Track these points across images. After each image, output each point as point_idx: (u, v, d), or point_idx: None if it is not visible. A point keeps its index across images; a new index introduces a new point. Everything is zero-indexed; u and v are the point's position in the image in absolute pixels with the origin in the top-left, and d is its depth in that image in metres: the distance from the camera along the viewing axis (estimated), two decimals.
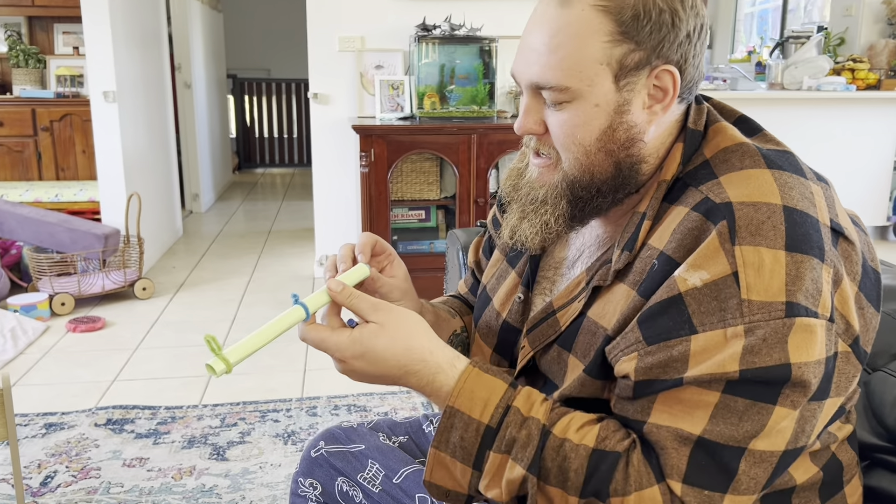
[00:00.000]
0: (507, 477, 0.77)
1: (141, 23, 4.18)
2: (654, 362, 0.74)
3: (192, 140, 5.72)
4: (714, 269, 0.72)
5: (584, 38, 0.78)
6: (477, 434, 0.78)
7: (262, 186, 7.38)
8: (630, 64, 0.78)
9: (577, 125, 0.81)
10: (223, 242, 4.87)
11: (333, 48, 3.78)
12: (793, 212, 0.74)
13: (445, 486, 0.81)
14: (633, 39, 0.78)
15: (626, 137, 0.81)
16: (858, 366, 0.79)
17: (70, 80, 4.54)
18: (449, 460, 0.80)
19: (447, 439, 0.80)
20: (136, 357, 2.92)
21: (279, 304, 3.57)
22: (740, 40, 6.42)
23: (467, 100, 3.62)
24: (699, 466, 0.72)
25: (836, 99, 4.32)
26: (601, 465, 0.74)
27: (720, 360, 0.71)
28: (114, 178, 3.78)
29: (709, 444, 0.72)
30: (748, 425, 0.71)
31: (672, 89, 0.80)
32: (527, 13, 3.39)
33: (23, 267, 3.67)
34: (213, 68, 6.52)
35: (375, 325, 0.81)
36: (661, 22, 0.78)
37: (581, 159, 0.82)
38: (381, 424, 1.22)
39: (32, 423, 2.35)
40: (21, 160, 4.48)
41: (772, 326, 0.70)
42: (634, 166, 0.83)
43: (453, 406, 0.79)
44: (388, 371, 0.81)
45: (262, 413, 2.42)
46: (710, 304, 0.72)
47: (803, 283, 0.71)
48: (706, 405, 0.72)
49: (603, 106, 0.80)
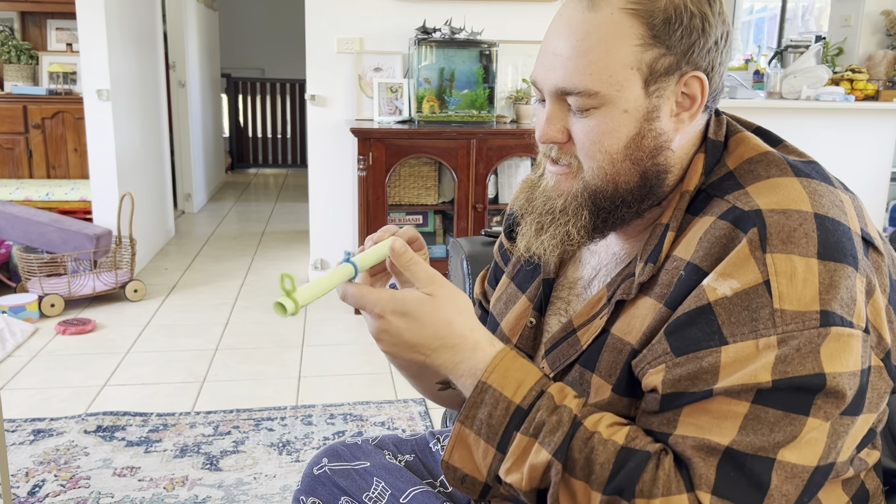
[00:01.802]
0: (532, 461, 0.73)
1: (136, 20, 4.12)
2: (682, 374, 0.71)
3: (185, 139, 5.66)
4: (744, 278, 0.70)
5: (614, 42, 0.75)
6: (506, 413, 0.74)
7: (255, 187, 7.32)
8: (660, 69, 0.76)
9: (604, 132, 0.78)
10: (216, 244, 4.82)
11: (332, 49, 3.74)
12: (824, 219, 0.72)
13: (464, 470, 0.77)
14: (663, 44, 0.76)
15: (654, 146, 0.79)
16: (891, 382, 0.75)
17: (63, 77, 4.48)
18: (473, 438, 0.76)
19: (474, 415, 0.75)
20: (127, 361, 2.87)
21: (272, 308, 3.52)
22: (738, 48, 6.42)
23: (467, 104, 3.59)
24: (728, 478, 0.68)
25: (835, 109, 4.32)
26: (629, 462, 0.70)
27: (752, 371, 0.68)
28: (106, 178, 3.73)
29: (737, 454, 0.68)
30: (778, 435, 0.68)
31: (700, 97, 0.78)
32: (527, 18, 3.37)
33: (12, 267, 3.61)
34: (207, 67, 6.46)
35: (425, 294, 0.77)
36: (691, 27, 0.76)
37: (606, 168, 0.79)
38: (385, 441, 1.18)
39: (20, 429, 2.29)
40: (12, 158, 4.41)
41: (805, 336, 0.68)
42: (660, 176, 0.80)
43: (485, 382, 0.75)
44: (424, 340, 0.76)
45: (256, 421, 2.38)
46: (741, 315, 0.69)
47: (838, 291, 0.69)
48: (735, 416, 0.69)
49: (632, 112, 0.77)
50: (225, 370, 2.81)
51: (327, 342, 3.14)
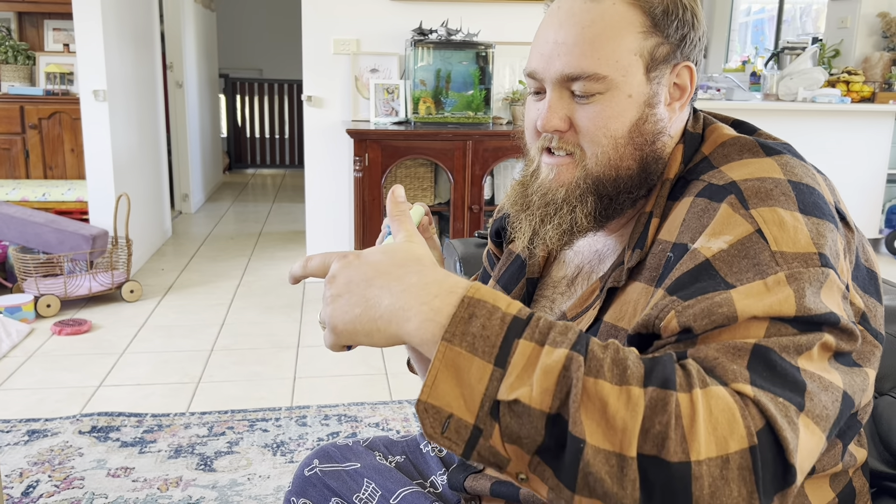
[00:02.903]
0: (544, 364, 0.57)
1: (133, 20, 4.12)
2: (696, 312, 0.65)
3: (182, 140, 5.66)
4: (735, 232, 0.69)
5: (620, 30, 0.79)
6: (503, 323, 0.60)
7: (252, 187, 7.32)
8: (659, 57, 0.80)
9: (610, 116, 0.80)
10: (213, 244, 4.82)
11: (328, 51, 3.74)
12: (799, 184, 0.74)
13: (448, 408, 0.58)
14: (662, 33, 0.80)
15: (654, 131, 0.81)
16: (877, 344, 0.75)
17: (60, 77, 4.48)
18: (464, 356, 0.58)
19: (464, 331, 0.59)
20: (123, 361, 2.87)
21: (269, 309, 3.53)
22: (735, 50, 6.43)
23: (463, 105, 3.59)
24: (762, 375, 0.60)
25: (831, 111, 4.33)
26: (655, 363, 0.59)
27: (763, 308, 0.63)
28: (103, 178, 3.73)
29: (765, 350, 0.61)
30: (802, 339, 0.63)
31: (690, 86, 0.83)
32: (524, 20, 3.37)
33: (8, 267, 3.61)
34: (205, 67, 6.46)
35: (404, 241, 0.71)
36: (685, 19, 0.81)
37: (610, 153, 0.81)
38: (376, 443, 1.19)
39: (15, 429, 2.30)
40: (8, 158, 4.41)
41: (812, 273, 0.66)
42: (657, 162, 0.83)
43: (472, 296, 0.61)
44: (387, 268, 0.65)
45: (251, 422, 2.38)
46: (742, 263, 0.67)
47: (826, 241, 0.69)
48: (757, 328, 0.63)
49: (635, 97, 0.80)
50: (220, 371, 2.81)
51: (322, 343, 3.14)
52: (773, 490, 0.56)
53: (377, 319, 0.63)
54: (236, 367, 2.85)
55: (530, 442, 0.57)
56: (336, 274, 0.67)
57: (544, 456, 0.57)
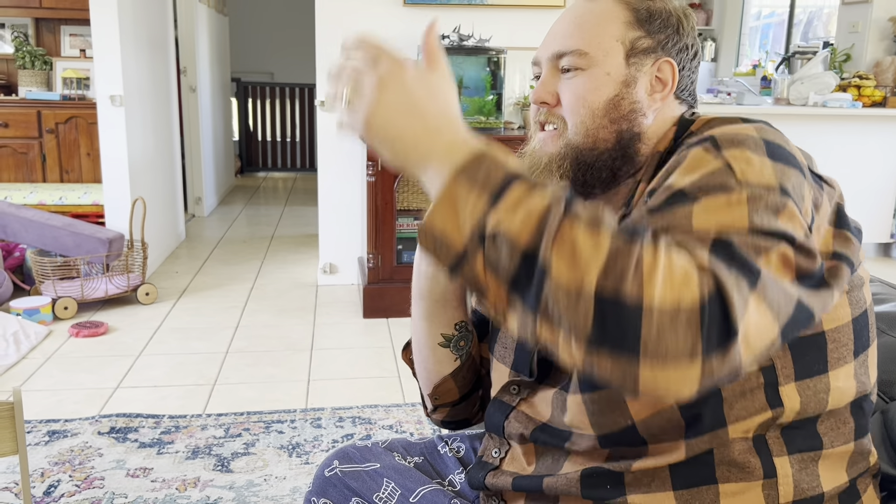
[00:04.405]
0: (529, 205, 0.64)
1: (148, 26, 4.17)
2: (658, 221, 0.72)
3: (195, 143, 5.71)
4: (707, 168, 0.75)
5: (606, 19, 0.92)
6: (506, 172, 0.66)
7: (264, 190, 7.37)
8: (640, 48, 0.91)
9: (589, 89, 0.90)
10: (226, 247, 4.86)
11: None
12: (769, 142, 0.79)
13: (443, 227, 0.66)
14: (644, 29, 0.92)
15: (630, 110, 0.91)
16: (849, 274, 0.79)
17: (76, 82, 4.54)
18: (465, 189, 0.65)
19: (472, 174, 0.66)
20: (139, 363, 2.91)
21: (282, 312, 3.56)
22: (745, 54, 6.43)
23: (474, 110, 3.62)
24: (720, 256, 0.65)
25: (842, 115, 4.33)
26: (633, 225, 0.67)
27: (727, 216, 0.70)
28: (118, 182, 3.78)
29: (727, 240, 0.67)
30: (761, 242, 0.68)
31: (671, 81, 0.92)
32: (535, 25, 3.41)
33: (26, 270, 3.66)
34: (217, 72, 6.51)
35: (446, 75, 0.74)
36: (668, 22, 0.93)
37: (587, 122, 0.90)
38: (395, 444, 1.22)
39: (35, 430, 2.34)
40: (25, 162, 4.47)
41: (772, 198, 0.72)
42: (634, 139, 0.91)
43: (483, 151, 0.68)
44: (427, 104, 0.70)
45: (267, 424, 2.41)
46: (711, 185, 0.73)
47: (790, 180, 0.75)
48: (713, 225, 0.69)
49: (613, 76, 0.90)
50: (235, 373, 2.84)
51: (336, 345, 3.17)
52: (714, 347, 0.61)
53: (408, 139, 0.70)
54: (251, 370, 2.88)
55: (505, 272, 0.64)
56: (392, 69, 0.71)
57: (516, 286, 0.64)
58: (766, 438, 0.82)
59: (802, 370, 0.82)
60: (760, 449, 0.82)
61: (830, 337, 0.83)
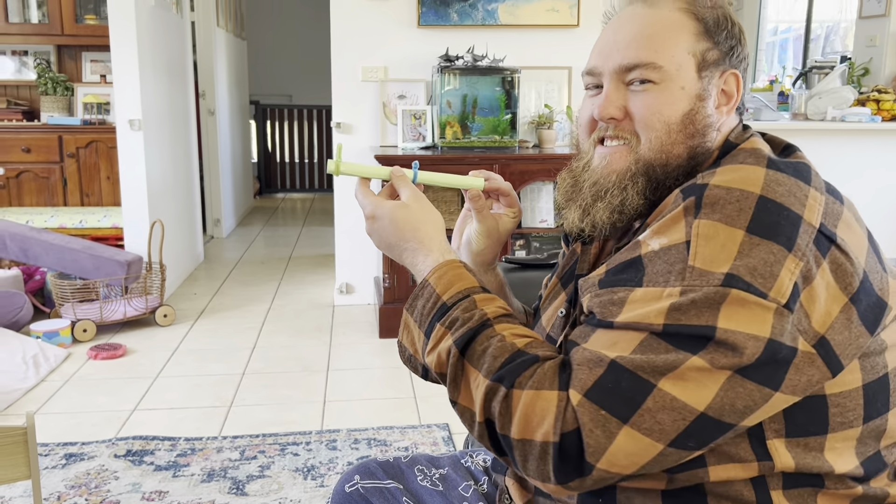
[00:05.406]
0: (440, 347, 0.85)
1: (167, 51, 4.24)
2: (599, 301, 0.80)
3: (214, 166, 5.77)
4: (672, 237, 0.77)
5: (676, 31, 0.88)
6: (434, 307, 0.89)
7: (282, 211, 7.42)
8: (710, 59, 0.89)
9: (664, 103, 0.88)
10: (243, 269, 4.89)
11: (356, 78, 3.81)
12: (768, 202, 0.76)
13: (409, 349, 0.94)
14: (713, 39, 0.89)
15: (704, 125, 0.89)
16: (827, 372, 0.76)
17: (97, 107, 4.61)
18: (412, 323, 0.92)
19: (415, 306, 0.91)
20: (157, 386, 2.92)
21: (299, 333, 3.57)
22: (762, 69, 6.40)
23: (489, 130, 3.63)
24: (604, 388, 0.73)
25: (861, 130, 4.28)
26: (517, 359, 0.80)
27: (647, 311, 0.75)
28: (137, 205, 3.82)
29: (619, 368, 0.74)
30: (659, 361, 0.73)
31: (736, 93, 0.91)
32: (548, 45, 3.42)
33: (46, 293, 3.70)
34: (236, 95, 6.59)
35: (402, 203, 0.97)
36: (734, 32, 0.90)
37: (662, 138, 0.88)
38: (418, 458, 1.21)
39: (53, 453, 2.35)
40: (47, 186, 4.53)
41: (705, 292, 0.73)
42: (705, 154, 0.89)
43: (427, 280, 0.91)
44: (394, 240, 0.96)
45: (282, 446, 2.41)
46: (660, 267, 0.77)
47: (751, 261, 0.73)
48: (629, 341, 0.75)
49: (688, 90, 0.88)
50: (252, 394, 2.85)
51: (352, 366, 3.17)
52: (568, 477, 0.74)
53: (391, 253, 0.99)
54: (267, 391, 2.88)
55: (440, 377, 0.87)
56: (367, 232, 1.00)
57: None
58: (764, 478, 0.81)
59: (794, 429, 0.79)
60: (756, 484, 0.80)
61: (833, 401, 0.79)
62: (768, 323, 0.72)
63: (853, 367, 0.79)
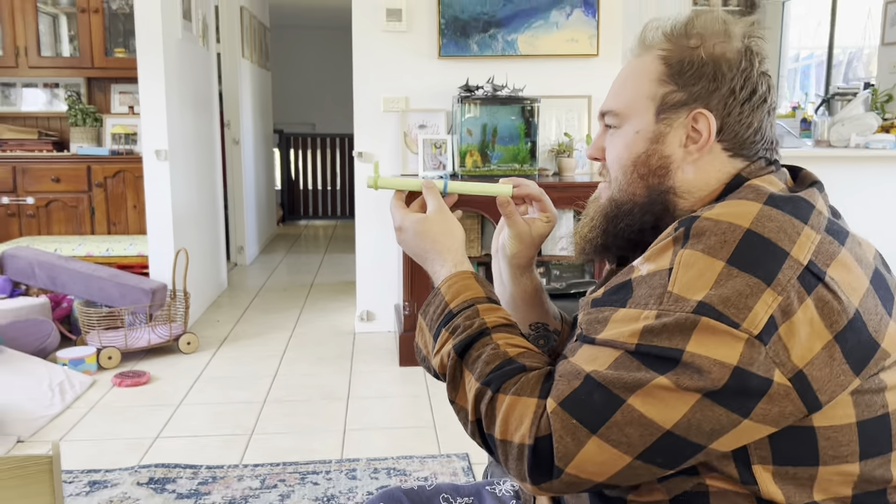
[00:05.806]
0: (443, 350, 0.93)
1: (193, 82, 4.33)
2: (587, 319, 0.86)
3: (238, 194, 5.85)
4: (659, 264, 0.82)
5: (642, 77, 0.94)
6: (442, 313, 0.96)
7: (305, 238, 7.49)
8: (670, 102, 0.91)
9: (620, 146, 0.95)
10: (266, 296, 4.93)
11: (378, 108, 3.86)
12: (755, 236, 0.79)
13: (423, 350, 1.00)
14: (675, 82, 0.91)
15: (659, 165, 0.92)
16: (801, 407, 0.76)
17: (124, 137, 4.71)
18: (424, 326, 1.00)
19: (427, 311, 1.00)
20: (179, 413, 2.95)
21: (320, 360, 3.59)
22: (784, 96, 6.39)
23: (509, 158, 3.65)
24: (578, 399, 0.79)
25: (885, 157, 4.25)
26: (506, 367, 0.87)
27: (624, 331, 0.80)
28: (163, 234, 3.88)
29: (593, 381, 0.79)
30: (631, 377, 0.77)
31: (706, 132, 0.90)
32: (567, 75, 3.46)
33: (73, 320, 3.76)
34: (260, 124, 6.70)
35: (423, 216, 1.05)
36: (701, 73, 0.90)
37: (621, 179, 0.95)
38: (443, 487, 1.22)
39: (77, 480, 2.37)
40: (75, 215, 4.62)
41: (676, 318, 0.77)
42: (665, 194, 0.92)
43: (439, 288, 1.00)
44: (417, 250, 1.05)
45: (302, 475, 2.41)
46: (644, 290, 0.82)
47: (725, 291, 0.76)
48: (607, 356, 0.80)
49: (642, 133, 0.93)
50: (272, 423, 2.86)
51: (373, 394, 3.17)
52: (541, 478, 0.80)
53: (416, 258, 1.07)
54: (288, 419, 2.89)
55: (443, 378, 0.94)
56: (398, 229, 1.08)
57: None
58: None
59: (781, 457, 0.79)
60: None
61: (823, 434, 0.79)
62: (737, 351, 0.75)
63: (844, 402, 0.78)
